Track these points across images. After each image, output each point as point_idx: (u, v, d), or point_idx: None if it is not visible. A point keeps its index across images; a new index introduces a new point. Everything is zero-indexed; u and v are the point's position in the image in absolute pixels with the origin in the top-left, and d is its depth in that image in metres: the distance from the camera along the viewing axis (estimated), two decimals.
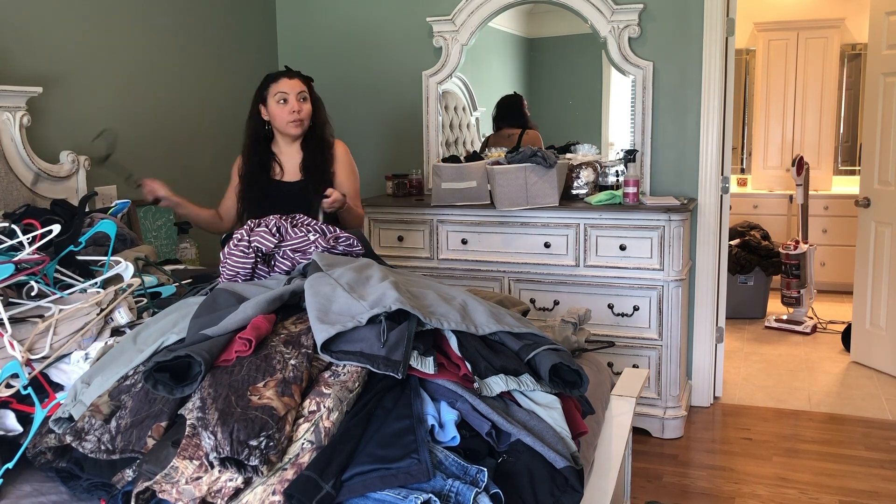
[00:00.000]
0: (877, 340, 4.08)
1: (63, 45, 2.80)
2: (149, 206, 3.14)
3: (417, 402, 1.30)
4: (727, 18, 3.39)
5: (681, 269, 3.16)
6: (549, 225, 3.26)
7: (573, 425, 1.40)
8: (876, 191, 4.03)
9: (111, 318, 1.67)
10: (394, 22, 3.89)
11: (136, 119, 3.15)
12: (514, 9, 3.73)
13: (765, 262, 5.15)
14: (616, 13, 3.43)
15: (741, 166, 6.31)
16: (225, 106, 3.68)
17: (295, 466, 1.17)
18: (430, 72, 3.77)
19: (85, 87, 2.90)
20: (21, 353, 1.52)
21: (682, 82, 3.44)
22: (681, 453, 3.18)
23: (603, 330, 3.24)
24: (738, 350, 4.54)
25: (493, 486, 1.19)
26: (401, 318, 1.38)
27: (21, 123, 2.52)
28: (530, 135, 3.81)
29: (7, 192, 2.49)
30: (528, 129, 3.84)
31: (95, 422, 1.32)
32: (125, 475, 1.28)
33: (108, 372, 1.42)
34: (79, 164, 2.74)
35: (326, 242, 1.80)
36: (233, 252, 1.79)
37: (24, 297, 1.74)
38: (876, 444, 3.23)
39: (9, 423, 1.46)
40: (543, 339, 1.48)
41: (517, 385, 1.37)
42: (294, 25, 4.09)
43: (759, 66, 6.06)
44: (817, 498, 2.80)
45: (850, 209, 5.20)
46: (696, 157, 3.46)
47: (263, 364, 1.29)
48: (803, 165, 4.94)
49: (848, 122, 6.06)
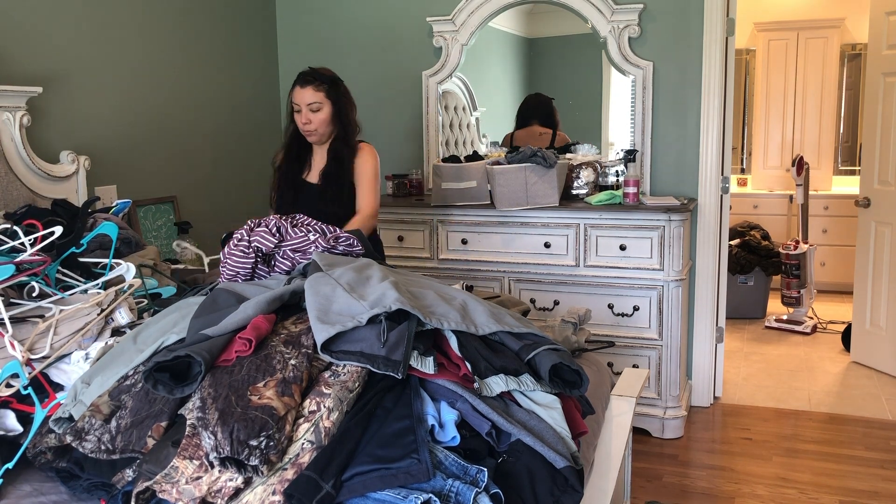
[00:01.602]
0: (877, 340, 4.08)
1: (63, 45, 2.81)
2: (149, 206, 3.15)
3: (417, 402, 1.30)
4: (727, 18, 3.39)
5: (681, 269, 3.16)
6: (549, 225, 3.26)
7: (573, 425, 1.40)
8: (876, 191, 4.03)
9: (112, 318, 1.68)
10: (394, 22, 3.89)
11: (136, 119, 3.15)
12: (514, 9, 3.73)
13: (765, 262, 5.15)
14: (616, 13, 3.43)
15: (741, 166, 6.31)
16: (225, 106, 3.68)
17: (295, 466, 1.17)
18: (430, 72, 3.77)
19: (85, 87, 2.90)
20: (21, 352, 1.53)
21: (682, 82, 3.44)
22: (681, 453, 3.18)
23: (603, 330, 3.24)
24: (738, 350, 4.54)
25: (493, 486, 1.19)
26: (401, 318, 1.38)
27: (21, 123, 2.52)
28: (560, 136, 3.79)
29: (7, 192, 2.49)
30: (559, 132, 3.81)
31: (95, 422, 1.32)
32: (125, 475, 1.28)
33: (108, 372, 1.42)
34: (79, 164, 2.74)
35: (326, 242, 1.80)
36: (233, 252, 1.79)
37: (24, 297, 1.74)
38: (876, 444, 3.23)
39: (9, 423, 1.46)
40: (543, 339, 1.48)
41: (517, 385, 1.37)
42: (294, 25, 4.09)
43: (759, 66, 6.06)
44: (817, 498, 2.80)
45: (850, 209, 5.20)
46: (696, 157, 3.46)
47: (263, 364, 1.29)
48: (803, 165, 4.94)
49: (848, 122, 6.05)
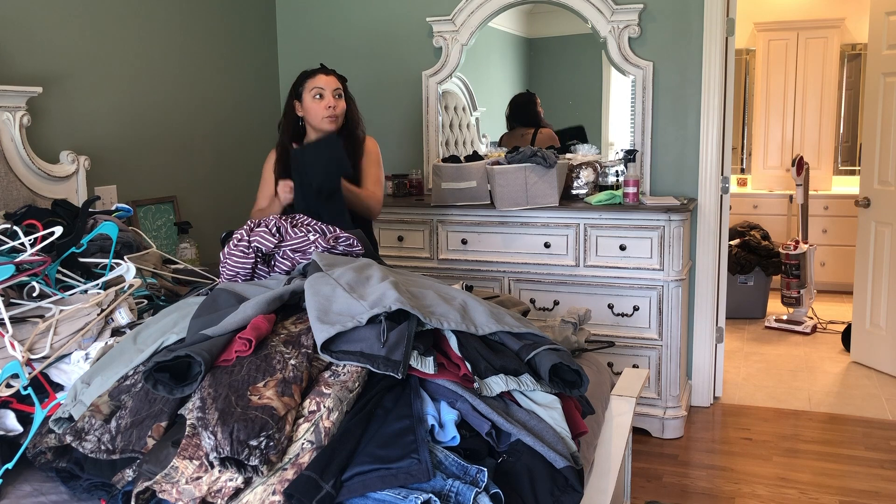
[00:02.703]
0: (877, 340, 4.08)
1: (63, 45, 2.81)
2: (149, 206, 3.15)
3: (417, 402, 1.30)
4: (727, 18, 3.39)
5: (681, 269, 3.16)
6: (549, 225, 3.26)
7: (573, 425, 1.40)
8: (876, 191, 4.03)
9: (112, 318, 1.68)
10: (394, 22, 3.89)
11: (136, 119, 3.15)
12: (514, 9, 3.73)
13: (765, 262, 5.15)
14: (616, 13, 3.43)
15: (741, 166, 6.30)
16: (225, 106, 3.68)
17: (295, 466, 1.17)
18: (430, 72, 3.77)
19: (85, 87, 2.90)
20: (21, 353, 1.53)
21: (682, 82, 3.44)
22: (681, 453, 3.18)
23: (603, 330, 3.24)
24: (738, 350, 4.54)
25: (493, 486, 1.19)
26: (401, 318, 1.38)
27: (21, 123, 2.52)
28: (544, 133, 3.78)
29: (7, 192, 2.49)
30: (542, 127, 3.81)
31: (95, 422, 1.32)
32: (125, 475, 1.28)
33: (108, 372, 1.42)
34: (79, 164, 2.74)
35: (326, 242, 1.80)
36: (233, 252, 1.79)
37: (25, 297, 1.74)
38: (876, 444, 3.23)
39: (9, 423, 1.46)
40: (543, 338, 1.48)
41: (517, 385, 1.37)
42: (294, 26, 4.09)
43: (759, 66, 6.06)
44: (817, 498, 2.80)
45: (850, 209, 5.20)
46: (696, 157, 3.46)
47: (263, 364, 1.29)
48: (803, 165, 4.94)
49: (848, 122, 6.05)
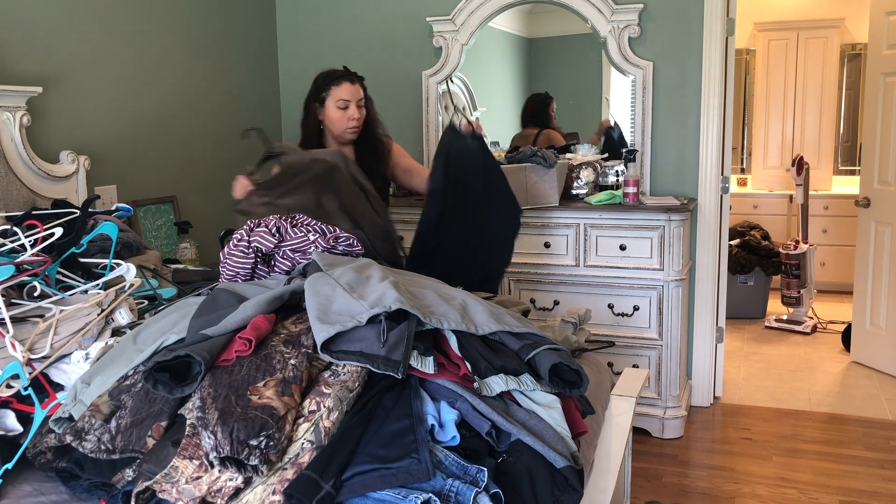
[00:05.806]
0: (877, 340, 4.08)
1: (63, 45, 2.80)
2: (149, 206, 3.15)
3: (417, 401, 1.30)
4: (727, 18, 3.39)
5: (681, 269, 3.16)
6: (549, 225, 3.26)
7: (573, 425, 1.40)
8: (876, 191, 4.03)
9: (112, 318, 1.68)
10: (394, 22, 3.88)
11: (136, 119, 3.15)
12: (514, 9, 3.73)
13: (765, 262, 5.15)
14: (616, 13, 3.43)
15: (741, 166, 6.31)
16: (225, 106, 3.68)
17: (295, 466, 1.17)
18: (430, 72, 3.77)
19: (85, 87, 2.90)
20: (22, 353, 1.53)
21: (682, 82, 3.44)
22: (681, 453, 3.18)
23: (603, 330, 3.24)
24: (738, 350, 4.54)
25: (493, 486, 1.19)
26: (401, 318, 1.38)
27: (21, 123, 2.52)
28: (545, 134, 3.79)
29: (7, 192, 2.49)
30: (549, 128, 3.82)
31: (95, 422, 1.32)
32: (125, 475, 1.28)
33: (108, 372, 1.42)
34: (79, 164, 2.74)
35: (326, 242, 1.80)
36: (233, 252, 1.79)
37: (25, 297, 1.74)
38: (876, 444, 3.23)
39: (9, 422, 1.46)
40: (543, 338, 1.48)
41: (517, 385, 1.37)
42: (294, 26, 4.09)
43: (759, 66, 6.06)
44: (817, 498, 2.80)
45: (850, 209, 5.20)
46: (696, 157, 3.46)
47: (263, 364, 1.29)
48: (803, 165, 4.94)
49: (848, 122, 6.05)
